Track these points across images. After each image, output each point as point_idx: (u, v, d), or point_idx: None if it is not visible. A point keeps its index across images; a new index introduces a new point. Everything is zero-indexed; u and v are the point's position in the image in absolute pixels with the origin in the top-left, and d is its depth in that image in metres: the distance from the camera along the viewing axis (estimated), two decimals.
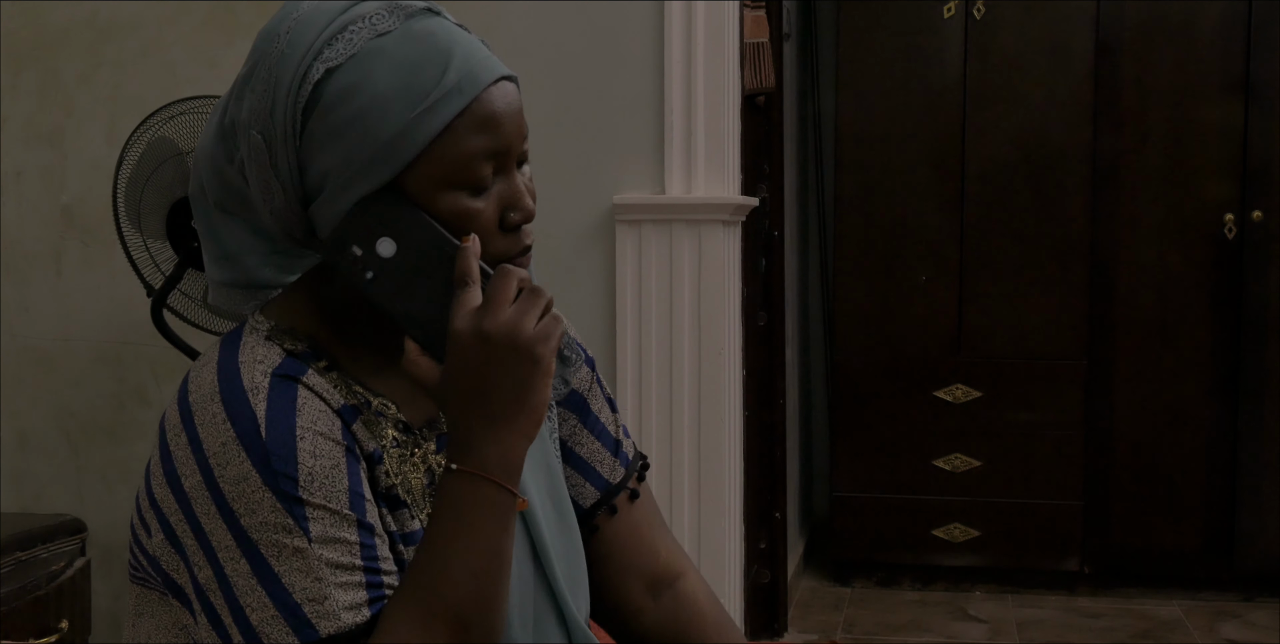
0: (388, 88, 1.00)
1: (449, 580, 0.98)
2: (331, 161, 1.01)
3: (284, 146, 1.01)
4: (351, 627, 0.97)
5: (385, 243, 1.01)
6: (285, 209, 1.03)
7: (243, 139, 1.03)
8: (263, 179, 1.03)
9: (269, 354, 1.03)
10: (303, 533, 0.97)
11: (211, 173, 1.08)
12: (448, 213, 1.02)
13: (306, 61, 1.00)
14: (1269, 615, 3.67)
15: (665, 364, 2.59)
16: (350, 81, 1.00)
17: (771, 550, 3.34)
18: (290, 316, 1.07)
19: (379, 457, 1.05)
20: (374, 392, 1.07)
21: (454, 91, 1.00)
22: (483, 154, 1.02)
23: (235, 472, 0.97)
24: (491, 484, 0.99)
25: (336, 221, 1.02)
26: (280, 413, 0.99)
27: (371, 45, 1.01)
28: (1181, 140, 3.75)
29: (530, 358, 0.99)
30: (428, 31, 1.02)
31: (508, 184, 1.05)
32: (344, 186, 1.01)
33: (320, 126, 1.00)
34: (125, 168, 2.41)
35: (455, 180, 1.01)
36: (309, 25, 1.02)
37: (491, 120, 1.02)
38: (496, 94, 1.03)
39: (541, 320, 1.00)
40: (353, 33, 1.01)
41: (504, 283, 1.00)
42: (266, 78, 1.02)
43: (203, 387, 1.01)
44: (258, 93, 1.02)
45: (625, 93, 2.63)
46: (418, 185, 1.01)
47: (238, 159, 1.05)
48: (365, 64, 1.00)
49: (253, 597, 0.97)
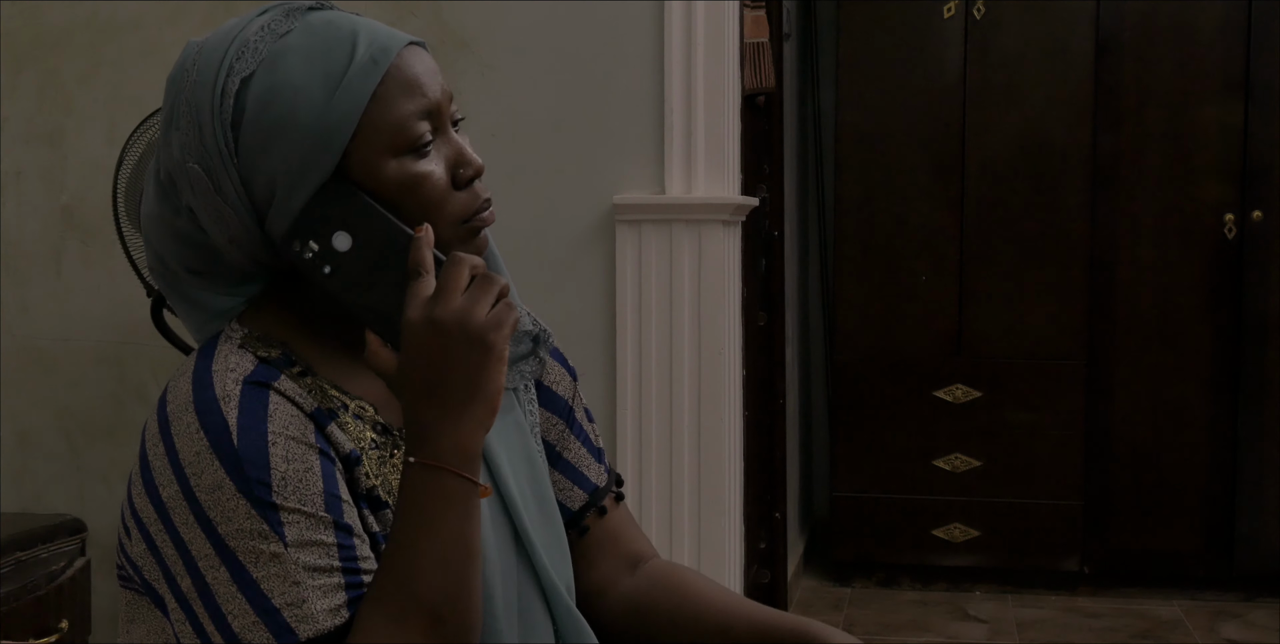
0: (304, 79, 1.01)
1: (417, 574, 0.98)
2: (273, 166, 1.01)
3: (223, 167, 1.02)
4: (331, 629, 0.98)
5: (340, 237, 1.01)
6: (242, 233, 1.03)
7: (181, 178, 1.03)
8: (212, 209, 1.03)
9: (241, 362, 1.03)
10: (278, 538, 0.97)
11: (166, 236, 1.08)
12: (398, 181, 1.03)
13: (220, 80, 1.02)
14: (1269, 615, 3.67)
15: (665, 364, 2.59)
16: (266, 85, 1.01)
17: (771, 550, 3.34)
18: (263, 324, 1.08)
19: (357, 458, 1.05)
20: (350, 394, 1.08)
21: (368, 63, 1.02)
22: (415, 114, 1.03)
23: (210, 480, 0.97)
24: (450, 474, 0.99)
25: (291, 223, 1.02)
26: (252, 420, 0.99)
27: (276, 47, 1.02)
28: (1181, 140, 3.75)
29: (482, 345, 0.99)
30: (325, 21, 1.04)
31: (448, 143, 1.06)
32: (292, 187, 1.01)
33: (252, 136, 1.01)
34: (125, 168, 2.41)
35: (395, 145, 1.02)
36: (212, 51, 1.03)
37: (413, 81, 1.04)
38: (411, 57, 1.05)
39: (494, 307, 1.00)
40: (256, 42, 1.03)
41: (456, 270, 1.00)
42: (187, 110, 1.03)
43: (178, 397, 1.01)
44: (182, 128, 1.03)
45: (625, 93, 2.63)
46: (362, 163, 1.02)
47: (184, 208, 1.05)
48: (276, 65, 1.02)
49: (233, 604, 0.97)
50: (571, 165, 2.64)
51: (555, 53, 2.65)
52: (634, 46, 2.62)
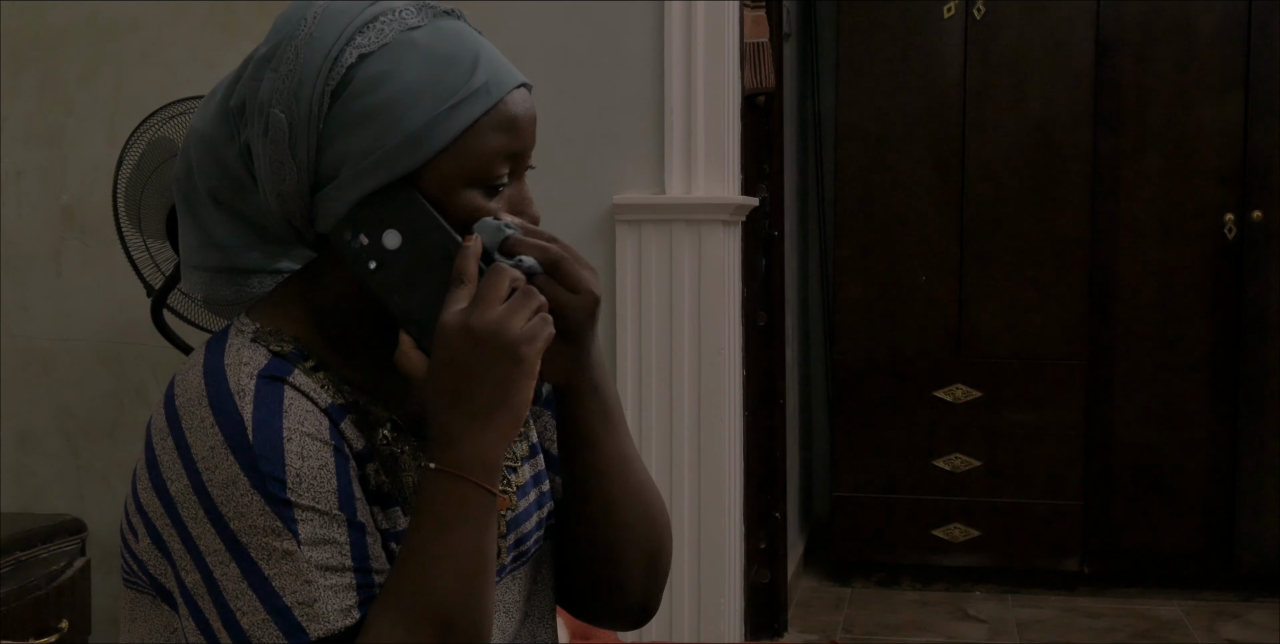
0: (418, 80, 1.01)
1: (431, 581, 0.98)
2: (352, 148, 1.01)
3: (306, 127, 1.01)
4: (342, 629, 0.97)
5: (391, 235, 1.02)
6: (294, 192, 1.03)
7: (257, 118, 1.03)
8: (276, 159, 1.02)
9: (255, 356, 1.02)
10: (292, 536, 0.97)
11: (208, 156, 1.07)
12: (461, 210, 1.03)
13: (339, 45, 1.01)
14: (1269, 615, 3.67)
15: (665, 364, 2.59)
16: (381, 69, 1.01)
17: (771, 550, 3.33)
18: (276, 318, 1.07)
19: (369, 455, 1.05)
20: (362, 391, 1.07)
21: (481, 90, 1.02)
22: (502, 154, 1.03)
23: (223, 475, 0.97)
24: (469, 484, 0.99)
25: (343, 210, 1.02)
26: (267, 415, 0.98)
27: (403, 37, 1.02)
28: (1181, 140, 3.75)
29: (514, 357, 0.99)
30: (455, 31, 1.04)
31: (518, 189, 1.07)
32: (361, 174, 1.01)
33: (346, 111, 1.01)
34: (125, 168, 2.41)
35: (474, 178, 1.02)
36: (338, 12, 1.03)
37: (513, 123, 1.04)
38: (518, 98, 1.05)
39: (530, 321, 1.00)
40: (383, 23, 1.02)
41: (496, 281, 1.00)
42: (293, 58, 1.02)
43: (189, 390, 1.00)
44: (281, 72, 1.02)
45: (625, 93, 2.63)
46: (436, 180, 1.02)
47: (241, 141, 1.05)
48: (397, 54, 1.01)
49: (243, 600, 0.96)
50: (571, 165, 2.64)
51: (555, 53, 2.65)
52: (634, 46, 2.62)
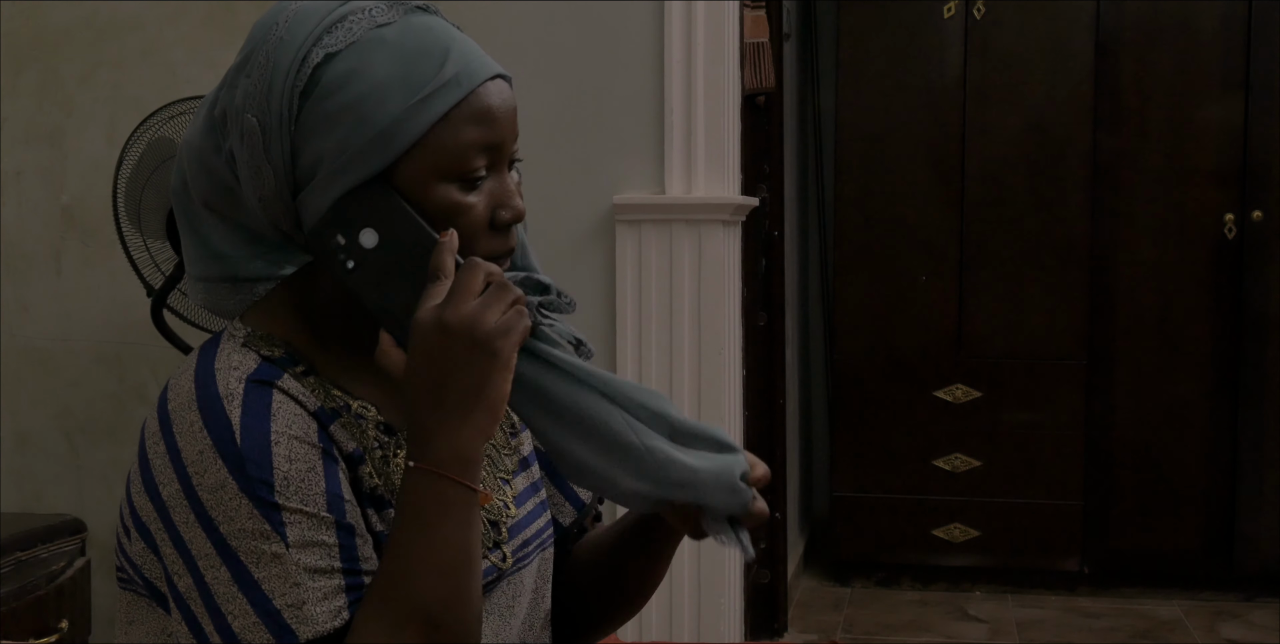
0: (386, 76, 1.00)
1: (414, 580, 0.97)
2: (325, 148, 1.01)
3: (278, 131, 1.01)
4: (331, 630, 0.97)
5: (368, 233, 1.01)
6: (274, 197, 1.03)
7: (234, 125, 1.03)
8: (254, 165, 1.02)
9: (244, 360, 1.02)
10: (280, 538, 0.97)
11: (198, 167, 1.07)
12: (438, 205, 1.02)
13: (306, 47, 1.01)
14: (1269, 615, 3.67)
15: (665, 364, 2.59)
16: (349, 68, 1.01)
17: (771, 550, 3.34)
18: (267, 323, 1.07)
19: (360, 457, 1.05)
20: (354, 395, 1.07)
21: (452, 83, 1.01)
22: (477, 146, 1.02)
23: (212, 479, 0.97)
24: (449, 481, 0.98)
25: (324, 211, 1.02)
26: (255, 419, 0.98)
27: (371, 35, 1.02)
28: (1181, 140, 3.75)
29: (488, 351, 0.98)
30: (426, 26, 1.04)
31: (499, 182, 1.06)
32: (336, 174, 1.01)
33: (316, 112, 1.01)
34: (125, 168, 2.41)
35: (448, 172, 1.02)
36: (308, 14, 1.03)
37: (487, 114, 1.03)
38: (493, 89, 1.04)
39: (505, 314, 0.99)
40: (352, 22, 1.02)
41: (470, 275, 1.00)
42: (264, 63, 1.02)
43: (180, 395, 1.01)
44: (253, 78, 1.02)
45: (625, 93, 2.63)
46: (410, 176, 1.01)
47: (226, 150, 1.05)
48: (365, 52, 1.01)
49: (234, 604, 0.96)
50: (571, 165, 2.64)
51: (555, 53, 2.65)
52: (634, 46, 2.62)
